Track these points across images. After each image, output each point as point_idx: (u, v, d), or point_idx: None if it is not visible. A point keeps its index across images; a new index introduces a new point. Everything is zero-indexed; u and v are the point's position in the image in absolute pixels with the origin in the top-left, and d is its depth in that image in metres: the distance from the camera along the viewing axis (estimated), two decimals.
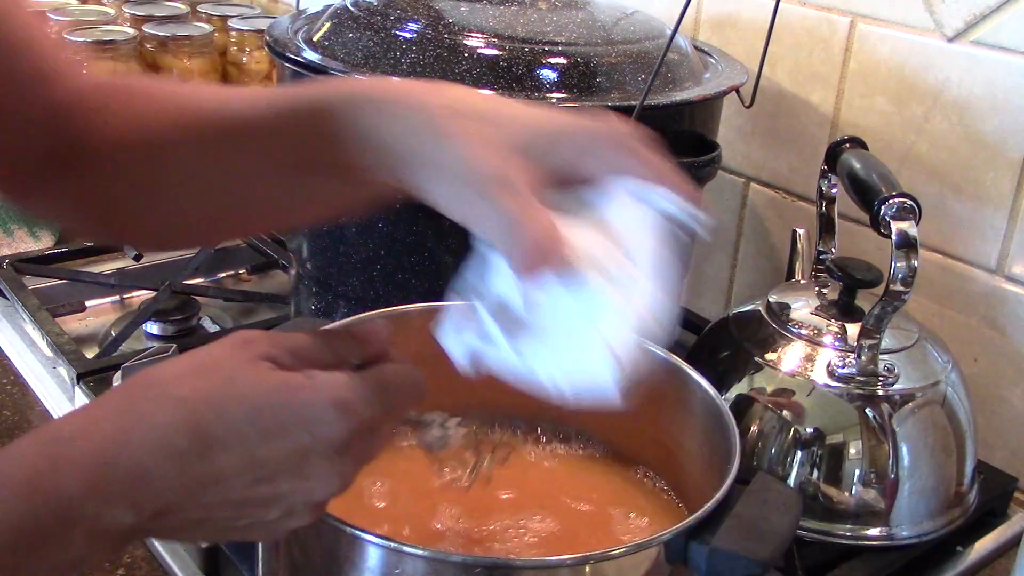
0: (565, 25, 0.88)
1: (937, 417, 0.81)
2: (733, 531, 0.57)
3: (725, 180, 1.14)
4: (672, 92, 0.87)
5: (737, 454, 0.63)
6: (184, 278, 1.19)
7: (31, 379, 1.01)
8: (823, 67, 1.02)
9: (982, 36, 0.89)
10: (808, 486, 0.80)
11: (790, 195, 1.08)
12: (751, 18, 1.08)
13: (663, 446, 0.75)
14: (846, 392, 0.80)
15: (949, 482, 0.83)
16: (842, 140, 0.87)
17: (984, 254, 0.93)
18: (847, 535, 0.80)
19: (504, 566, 0.58)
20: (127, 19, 1.59)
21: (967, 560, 0.84)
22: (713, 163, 0.85)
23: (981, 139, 0.91)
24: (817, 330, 0.84)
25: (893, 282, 0.76)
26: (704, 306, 1.18)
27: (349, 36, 0.89)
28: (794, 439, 0.80)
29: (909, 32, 0.95)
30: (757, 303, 0.89)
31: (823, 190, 0.90)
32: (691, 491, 0.72)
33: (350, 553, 0.56)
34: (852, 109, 1.00)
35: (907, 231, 0.75)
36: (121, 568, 0.77)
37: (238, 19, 1.62)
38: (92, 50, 1.42)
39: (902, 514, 0.80)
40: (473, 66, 0.83)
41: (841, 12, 1.00)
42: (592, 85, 0.84)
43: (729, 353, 0.86)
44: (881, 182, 0.79)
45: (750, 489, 0.61)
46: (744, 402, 0.82)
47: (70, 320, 1.16)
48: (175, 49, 1.51)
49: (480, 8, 0.89)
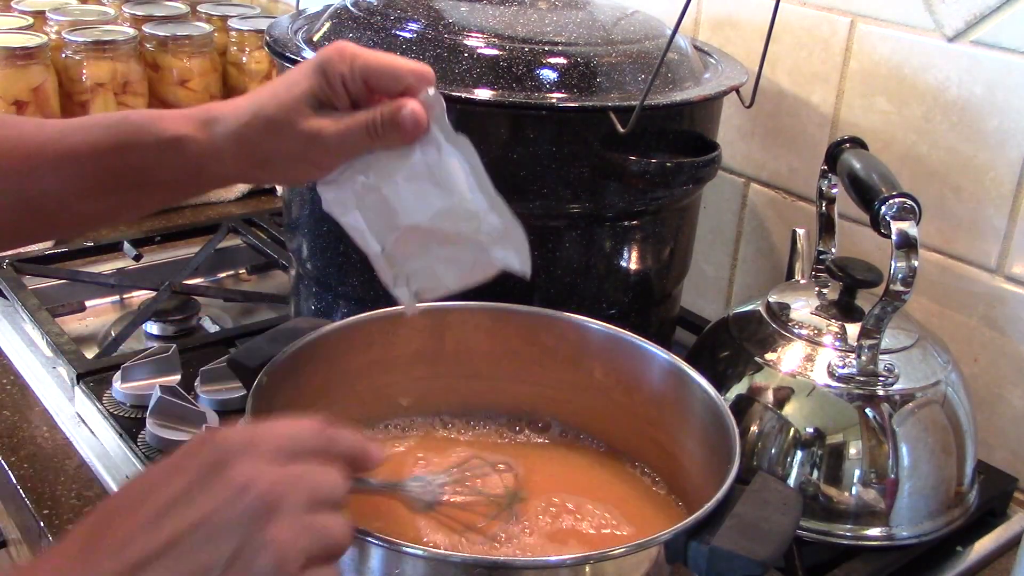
0: (565, 25, 0.88)
1: (937, 417, 0.81)
2: (733, 531, 0.57)
3: (725, 180, 1.14)
4: (672, 92, 0.87)
5: (737, 454, 0.63)
6: (184, 278, 1.19)
7: (31, 379, 1.01)
8: (823, 67, 1.02)
9: (982, 36, 0.89)
10: (808, 486, 0.80)
11: (790, 195, 1.08)
12: (751, 18, 1.08)
13: (663, 446, 0.75)
14: (846, 392, 0.80)
15: (949, 482, 0.83)
16: (842, 140, 0.87)
17: (984, 254, 0.93)
18: (847, 535, 0.80)
19: (504, 566, 0.58)
20: (127, 19, 1.59)
21: (967, 560, 0.84)
22: (713, 163, 0.85)
23: (981, 139, 0.91)
24: (817, 330, 0.84)
25: (893, 282, 0.76)
26: (704, 306, 1.18)
27: (349, 36, 0.89)
28: (794, 439, 0.80)
29: (909, 32, 0.95)
30: (757, 303, 0.89)
31: (823, 190, 0.90)
32: (691, 491, 0.72)
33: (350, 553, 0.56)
34: (852, 109, 1.01)
35: (907, 231, 0.75)
36: None
37: (238, 19, 1.62)
38: (92, 50, 1.42)
39: (902, 514, 0.80)
40: (473, 66, 0.83)
41: (841, 12, 1.00)
42: (592, 85, 0.84)
43: (729, 353, 0.86)
44: (881, 182, 0.79)
45: (750, 489, 0.61)
46: (744, 402, 0.82)
47: (70, 320, 1.16)
48: (175, 49, 1.51)
49: (480, 8, 0.89)
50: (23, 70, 1.36)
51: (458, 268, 0.68)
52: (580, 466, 0.77)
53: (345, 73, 0.65)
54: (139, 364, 0.94)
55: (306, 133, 0.66)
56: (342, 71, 0.65)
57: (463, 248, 0.68)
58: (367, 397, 0.78)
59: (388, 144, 0.66)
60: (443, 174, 0.66)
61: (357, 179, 0.68)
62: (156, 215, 1.36)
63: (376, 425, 0.79)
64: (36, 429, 0.93)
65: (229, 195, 1.42)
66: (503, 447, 0.78)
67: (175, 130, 0.68)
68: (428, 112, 0.65)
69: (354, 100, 0.67)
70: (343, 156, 0.67)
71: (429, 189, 0.66)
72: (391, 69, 0.66)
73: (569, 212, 0.86)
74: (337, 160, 0.68)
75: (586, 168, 0.83)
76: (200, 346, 1.03)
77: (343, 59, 0.65)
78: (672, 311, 1.02)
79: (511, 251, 0.67)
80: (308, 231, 0.93)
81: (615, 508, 0.72)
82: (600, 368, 0.78)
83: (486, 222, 0.66)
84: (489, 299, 0.78)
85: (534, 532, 0.68)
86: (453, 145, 0.66)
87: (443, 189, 0.66)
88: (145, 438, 0.87)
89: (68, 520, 0.82)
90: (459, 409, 0.81)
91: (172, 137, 0.68)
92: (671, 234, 0.93)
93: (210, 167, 0.69)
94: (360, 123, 0.65)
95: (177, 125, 0.68)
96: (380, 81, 0.66)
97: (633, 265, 0.91)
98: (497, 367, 0.80)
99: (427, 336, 0.79)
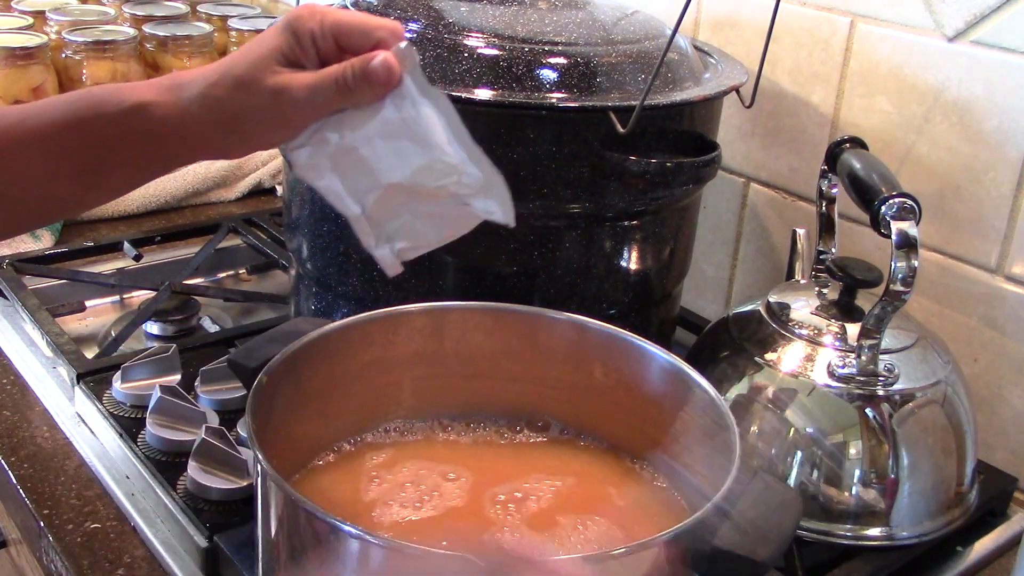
0: (565, 25, 0.88)
1: (937, 417, 0.81)
2: (733, 531, 0.57)
3: (725, 180, 1.14)
4: (672, 92, 0.87)
5: (737, 454, 0.63)
6: (184, 278, 1.19)
7: (31, 379, 1.01)
8: (823, 67, 1.02)
9: (982, 36, 0.89)
10: (808, 486, 0.80)
11: (790, 195, 1.08)
12: (751, 18, 1.08)
13: (663, 446, 0.75)
14: (846, 392, 0.80)
15: (949, 482, 0.83)
16: (842, 140, 0.87)
17: (984, 254, 0.93)
18: (847, 535, 0.80)
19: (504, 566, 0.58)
20: (127, 19, 1.59)
21: (967, 560, 0.84)
22: (713, 163, 0.85)
23: (981, 139, 0.91)
24: (817, 330, 0.84)
25: (893, 282, 0.76)
26: (704, 306, 1.18)
27: None
28: (794, 439, 0.80)
29: (909, 32, 0.95)
30: (757, 303, 0.89)
31: (823, 190, 0.91)
32: (691, 491, 0.72)
33: (350, 553, 0.56)
34: (852, 109, 1.01)
35: (907, 231, 0.75)
36: (121, 568, 0.77)
37: (238, 19, 1.62)
38: (92, 50, 1.43)
39: (902, 514, 0.80)
40: (473, 66, 0.83)
41: (841, 12, 1.00)
42: (592, 85, 0.84)
43: (729, 353, 0.86)
44: (881, 182, 0.79)
45: (750, 489, 0.61)
46: (744, 402, 0.82)
47: (70, 320, 1.16)
48: (175, 49, 1.51)
49: (480, 8, 0.89)
50: (23, 70, 1.36)
51: (440, 223, 0.67)
52: (580, 466, 0.77)
53: (315, 29, 0.64)
54: (139, 364, 0.94)
55: (273, 88, 0.64)
56: (311, 27, 0.64)
57: (444, 202, 0.66)
58: (367, 397, 0.78)
59: (359, 98, 0.64)
60: (419, 129, 0.63)
61: (330, 140, 0.65)
62: (156, 215, 1.37)
63: (376, 425, 0.79)
64: (36, 429, 0.93)
65: (229, 195, 1.43)
66: (503, 447, 0.78)
67: (138, 96, 0.66)
68: (401, 64, 0.63)
69: (324, 59, 0.65)
70: (312, 113, 0.65)
71: (406, 145, 0.64)
72: (361, 25, 0.64)
73: (569, 212, 0.86)
74: (306, 117, 0.65)
75: (586, 168, 0.83)
76: (200, 346, 1.03)
77: (313, 16, 0.64)
78: (672, 311, 1.02)
79: (492, 201, 0.65)
80: (308, 231, 0.93)
81: (615, 508, 0.72)
82: (600, 368, 0.78)
83: (466, 174, 0.64)
84: (489, 299, 0.78)
85: (534, 532, 0.68)
86: (427, 98, 0.63)
87: (420, 144, 0.64)
88: (145, 438, 0.87)
89: (68, 520, 0.82)
90: (459, 409, 0.81)
91: (135, 104, 0.66)
92: (671, 234, 0.93)
93: (179, 133, 0.67)
94: (330, 76, 0.63)
95: (140, 92, 0.66)
96: (351, 38, 0.64)
97: (633, 265, 0.91)
98: (497, 367, 0.80)
99: (427, 336, 0.79)
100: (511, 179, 0.81)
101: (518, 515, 0.70)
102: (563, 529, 0.69)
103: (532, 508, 0.70)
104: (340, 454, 0.75)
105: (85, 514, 0.83)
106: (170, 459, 0.85)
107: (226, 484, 0.80)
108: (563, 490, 0.73)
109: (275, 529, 0.61)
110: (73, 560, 0.77)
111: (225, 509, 0.79)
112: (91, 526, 0.81)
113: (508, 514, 0.70)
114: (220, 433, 0.83)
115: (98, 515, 0.83)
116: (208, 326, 1.15)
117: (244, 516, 0.78)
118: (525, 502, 0.71)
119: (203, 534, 0.77)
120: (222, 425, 0.86)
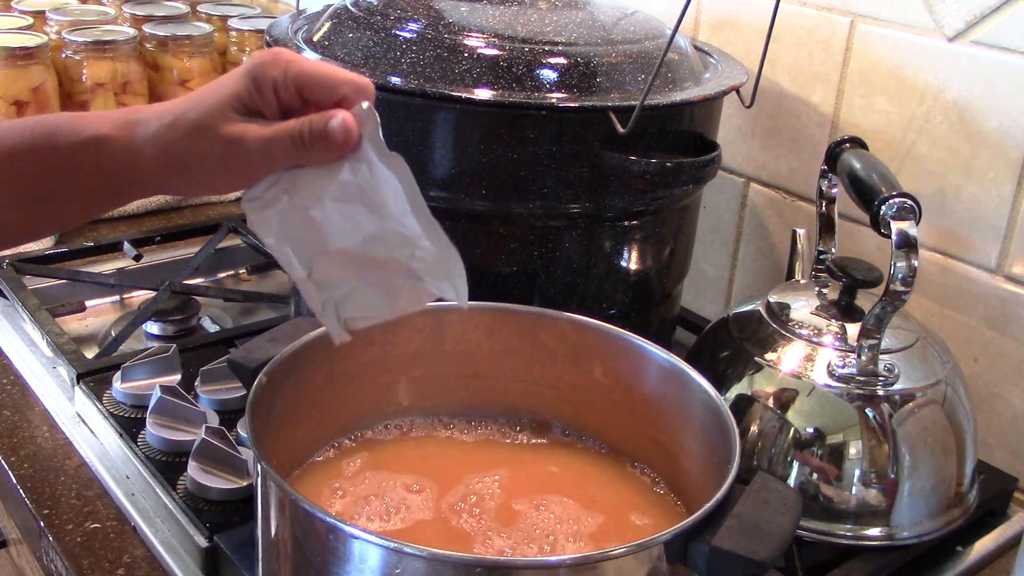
0: (565, 25, 0.88)
1: (937, 417, 0.81)
2: (733, 531, 0.57)
3: (725, 180, 1.14)
4: (672, 92, 0.87)
5: (737, 454, 0.63)
6: (184, 278, 1.19)
7: (31, 379, 1.01)
8: (823, 67, 1.02)
9: (982, 36, 0.89)
10: (808, 486, 0.80)
11: (790, 195, 1.08)
12: (751, 18, 1.08)
13: (663, 446, 0.75)
14: (846, 392, 0.80)
15: (949, 482, 0.83)
16: (842, 140, 0.87)
17: (984, 254, 0.93)
18: (847, 535, 0.80)
19: (504, 566, 0.58)
20: (127, 19, 1.59)
21: (967, 560, 0.84)
22: (713, 163, 0.85)
23: (981, 139, 0.91)
24: (817, 330, 0.84)
25: (893, 282, 0.76)
26: (704, 306, 1.18)
27: (349, 36, 0.89)
28: (794, 439, 0.80)
29: (909, 32, 0.95)
30: (757, 303, 0.89)
31: (823, 190, 0.91)
32: (691, 491, 0.72)
33: (350, 553, 0.56)
34: (852, 109, 1.01)
35: (907, 231, 0.75)
36: (121, 568, 0.77)
37: (238, 19, 1.62)
38: (92, 50, 1.42)
39: (902, 514, 0.80)
40: (473, 66, 0.83)
41: (841, 12, 1.00)
42: (592, 85, 0.84)
43: (729, 353, 0.86)
44: (881, 182, 0.79)
45: (750, 489, 0.61)
46: (744, 402, 0.82)
47: (70, 320, 1.16)
48: (175, 49, 1.51)
49: (480, 8, 0.90)
50: (23, 70, 1.36)
51: (390, 296, 0.63)
52: (580, 466, 0.77)
53: (277, 78, 0.61)
54: (139, 364, 0.94)
55: (227, 138, 0.61)
56: (274, 76, 0.61)
57: (395, 274, 0.62)
58: (367, 397, 0.78)
59: (315, 158, 0.61)
60: (374, 196, 0.60)
61: (282, 198, 0.62)
62: (156, 215, 1.37)
63: (376, 425, 0.79)
64: (36, 429, 0.93)
65: (229, 195, 1.43)
66: (503, 447, 0.79)
67: (94, 129, 0.64)
68: (361, 126, 0.60)
69: (285, 109, 0.62)
70: (266, 167, 0.62)
71: (360, 211, 0.61)
72: (327, 77, 0.61)
73: (569, 212, 0.86)
74: (259, 171, 0.62)
75: (586, 168, 0.83)
76: (200, 346, 1.03)
77: (276, 64, 0.61)
78: (672, 311, 1.02)
79: (446, 281, 0.62)
80: None
81: (615, 508, 0.72)
82: (600, 368, 0.78)
83: (420, 247, 0.61)
84: (489, 299, 0.78)
85: (534, 532, 0.68)
86: (386, 164, 0.60)
87: (374, 212, 0.61)
88: (145, 438, 0.87)
89: (68, 520, 0.82)
90: (459, 409, 0.81)
91: (90, 137, 0.64)
92: (671, 234, 0.93)
93: (129, 171, 0.65)
94: (286, 131, 0.60)
95: (96, 124, 0.64)
96: (314, 90, 0.61)
97: (633, 265, 0.91)
98: (497, 367, 0.80)
99: (427, 336, 0.79)
100: (511, 179, 0.81)
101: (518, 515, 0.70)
102: (563, 529, 0.69)
103: (532, 508, 0.71)
104: (340, 450, 0.76)
105: (85, 514, 0.83)
106: (170, 459, 0.85)
107: (226, 484, 0.80)
108: (563, 490, 0.73)
109: (275, 529, 0.61)
110: (73, 560, 0.77)
111: (225, 509, 0.79)
112: (91, 526, 0.81)
113: (508, 514, 0.70)
114: (220, 433, 0.83)
115: (98, 515, 0.83)
116: (208, 326, 1.15)
117: (244, 516, 0.78)
118: (525, 502, 0.71)
119: (203, 534, 0.77)
120: (222, 425, 0.86)
